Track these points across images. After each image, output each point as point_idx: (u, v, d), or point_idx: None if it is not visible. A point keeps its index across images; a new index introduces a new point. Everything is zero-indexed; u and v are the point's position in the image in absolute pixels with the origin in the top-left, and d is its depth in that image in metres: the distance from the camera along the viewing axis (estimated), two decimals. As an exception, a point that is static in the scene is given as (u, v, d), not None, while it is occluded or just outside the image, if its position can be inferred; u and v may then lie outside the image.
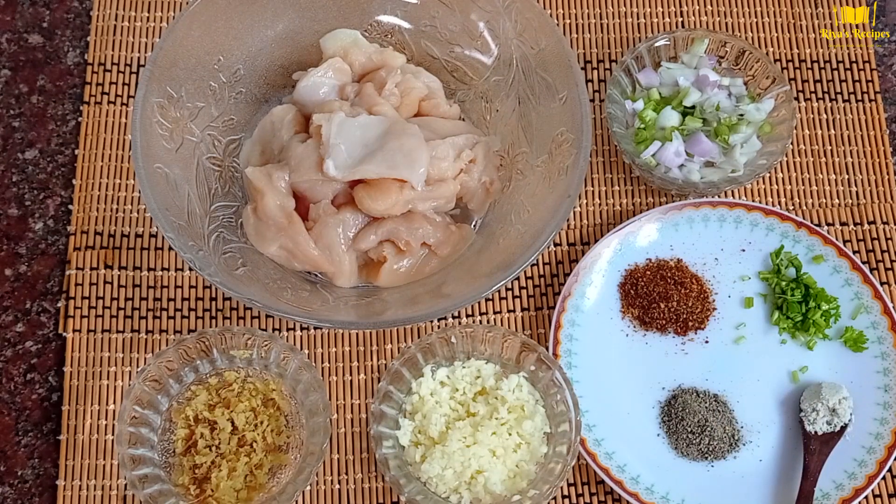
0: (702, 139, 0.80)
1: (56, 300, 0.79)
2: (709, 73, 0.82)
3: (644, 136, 0.81)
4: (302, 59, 0.81)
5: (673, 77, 0.83)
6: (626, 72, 0.83)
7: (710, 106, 0.81)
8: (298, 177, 0.73)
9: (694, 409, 0.76)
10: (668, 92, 0.84)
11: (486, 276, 0.71)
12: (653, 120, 0.82)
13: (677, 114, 0.81)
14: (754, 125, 0.81)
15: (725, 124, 0.80)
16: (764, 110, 0.81)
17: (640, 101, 0.83)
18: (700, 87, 0.82)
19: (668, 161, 0.80)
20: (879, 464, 0.74)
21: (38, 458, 0.75)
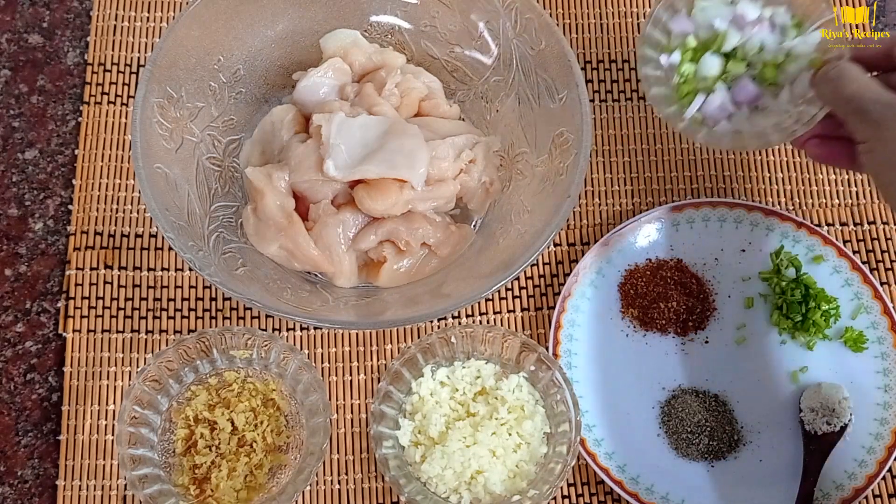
0: (748, 85, 0.70)
1: (56, 300, 0.79)
2: (746, 8, 0.70)
3: (685, 90, 0.71)
4: (302, 59, 0.81)
5: (708, 19, 0.71)
6: (658, 23, 0.72)
7: (753, 47, 0.70)
8: (298, 177, 0.73)
9: (694, 409, 0.76)
10: (705, 36, 0.72)
11: (486, 276, 0.71)
12: (692, 73, 0.71)
13: (718, 59, 0.71)
14: (802, 59, 0.69)
15: (771, 64, 0.70)
16: (811, 42, 0.69)
17: (676, 52, 0.72)
18: (738, 27, 0.70)
19: (715, 114, 0.71)
20: (879, 464, 0.74)
21: (38, 458, 0.75)
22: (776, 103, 0.70)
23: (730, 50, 0.71)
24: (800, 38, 0.69)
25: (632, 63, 0.89)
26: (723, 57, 0.71)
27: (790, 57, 0.70)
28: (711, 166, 0.86)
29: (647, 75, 0.72)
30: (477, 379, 0.75)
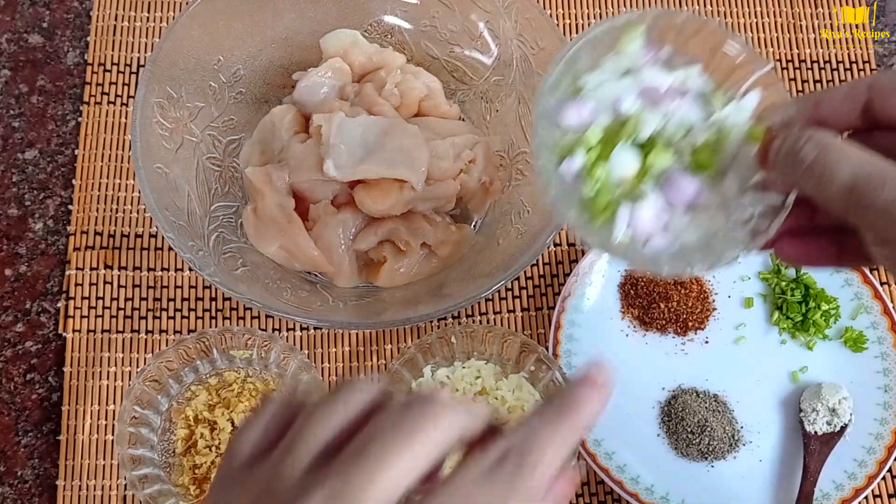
0: (679, 180, 0.49)
1: (56, 300, 0.79)
2: (653, 77, 0.50)
3: (602, 202, 0.48)
4: (302, 59, 0.81)
5: (607, 99, 0.50)
6: (544, 119, 0.49)
7: (676, 130, 0.49)
8: (298, 177, 0.73)
9: (694, 409, 0.76)
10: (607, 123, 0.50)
11: (486, 276, 0.71)
12: (606, 177, 0.49)
13: (635, 152, 0.49)
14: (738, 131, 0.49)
15: (705, 149, 0.49)
16: (746, 107, 0.50)
17: (577, 154, 0.48)
18: (650, 104, 0.50)
19: (648, 228, 0.49)
20: (879, 464, 0.74)
21: (38, 458, 0.75)
22: (723, 197, 0.49)
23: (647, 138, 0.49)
24: (731, 106, 0.50)
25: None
26: (639, 148, 0.49)
27: (723, 133, 0.49)
28: (711, 166, 0.86)
29: (553, 194, 0.48)
30: (477, 379, 0.75)
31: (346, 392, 0.37)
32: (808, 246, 0.48)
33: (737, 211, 0.49)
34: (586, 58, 0.50)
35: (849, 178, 0.40)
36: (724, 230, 0.48)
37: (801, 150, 0.42)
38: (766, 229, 0.46)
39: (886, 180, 0.39)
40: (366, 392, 0.37)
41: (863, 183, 0.40)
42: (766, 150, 0.45)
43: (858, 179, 0.40)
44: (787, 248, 0.48)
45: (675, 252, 0.48)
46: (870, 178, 0.40)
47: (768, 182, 0.47)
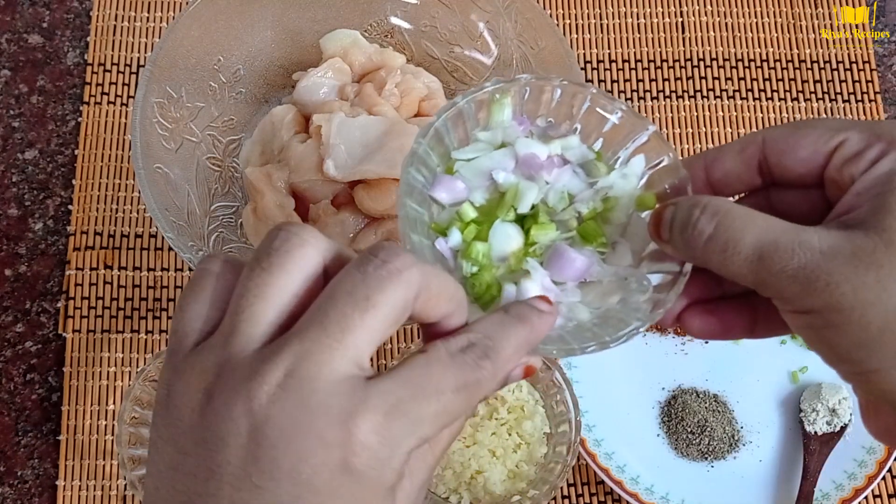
0: (567, 255, 0.44)
1: (56, 300, 0.79)
2: (531, 147, 0.46)
3: (484, 283, 0.44)
4: (302, 59, 0.81)
5: (481, 172, 0.46)
6: (409, 193, 0.44)
7: (559, 200, 0.46)
8: (298, 177, 0.73)
9: (694, 409, 0.76)
10: (483, 198, 0.46)
11: (486, 276, 0.70)
12: (486, 255, 0.44)
13: (515, 227, 0.45)
14: (626, 200, 0.46)
15: (590, 218, 0.45)
16: (632, 174, 0.46)
17: (453, 230, 0.45)
18: (528, 175, 0.46)
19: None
20: (879, 464, 0.74)
21: (38, 459, 0.75)
22: (615, 268, 0.45)
23: (528, 211, 0.45)
24: (616, 173, 0.46)
25: (632, 63, 0.89)
26: (519, 224, 0.46)
27: (610, 201, 0.46)
28: (711, 166, 0.86)
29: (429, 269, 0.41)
30: (477, 379, 0.75)
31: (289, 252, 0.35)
32: (717, 317, 0.44)
33: (633, 283, 0.45)
34: (455, 132, 0.47)
35: (755, 248, 0.37)
36: (620, 304, 0.44)
37: (696, 222, 0.39)
38: (663, 302, 0.42)
39: (795, 245, 0.36)
40: (310, 248, 0.35)
41: (770, 251, 0.37)
42: (658, 220, 0.41)
43: (765, 248, 0.37)
44: (693, 322, 0.44)
45: (571, 331, 0.43)
46: (777, 244, 0.36)
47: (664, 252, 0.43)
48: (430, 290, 0.35)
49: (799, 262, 0.36)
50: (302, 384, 0.32)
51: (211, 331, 0.35)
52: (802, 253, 0.36)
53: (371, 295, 0.33)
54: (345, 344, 0.32)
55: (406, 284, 0.34)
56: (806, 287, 0.36)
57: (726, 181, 0.42)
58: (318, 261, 0.35)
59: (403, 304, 0.34)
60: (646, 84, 0.88)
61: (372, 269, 0.34)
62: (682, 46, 0.90)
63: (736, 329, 0.44)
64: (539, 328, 0.38)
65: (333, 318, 0.33)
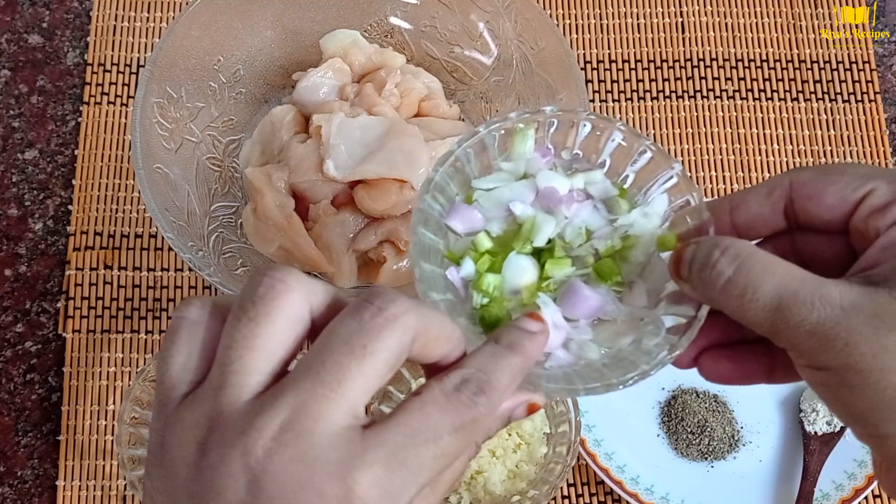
0: (581, 291, 0.43)
1: (56, 300, 0.79)
2: (552, 180, 0.45)
3: (493, 315, 0.43)
4: (302, 59, 0.81)
5: (499, 203, 0.46)
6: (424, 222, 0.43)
7: (576, 236, 0.45)
8: (298, 177, 0.73)
9: (694, 409, 0.76)
10: (500, 229, 0.45)
11: (486, 276, 0.70)
12: (498, 287, 0.44)
13: (530, 261, 0.44)
14: (647, 239, 0.45)
15: (607, 255, 0.44)
16: (655, 213, 0.45)
17: (466, 260, 0.44)
18: (547, 209, 0.45)
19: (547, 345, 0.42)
20: (879, 464, 0.74)
21: (38, 459, 0.75)
22: (630, 308, 0.44)
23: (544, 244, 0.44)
24: (637, 211, 0.45)
25: (632, 63, 0.89)
26: (535, 257, 0.45)
27: (630, 239, 0.45)
28: (712, 167, 0.86)
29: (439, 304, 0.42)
30: (477, 379, 0.75)
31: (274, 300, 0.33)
32: (734, 362, 0.42)
33: (647, 325, 0.43)
34: (477, 161, 0.46)
35: (773, 297, 0.36)
36: (632, 345, 0.43)
37: (716, 263, 0.37)
38: (677, 345, 0.41)
39: (816, 298, 0.35)
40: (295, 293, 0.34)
41: (789, 302, 0.35)
42: (678, 259, 0.40)
43: (784, 298, 0.35)
44: (709, 366, 0.43)
45: (579, 370, 0.42)
46: (796, 296, 0.35)
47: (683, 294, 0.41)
48: (428, 334, 0.35)
49: (818, 317, 0.35)
50: (299, 437, 0.31)
51: (199, 381, 0.34)
52: (822, 307, 0.35)
53: (368, 343, 0.33)
54: (341, 394, 0.32)
55: (402, 330, 0.33)
56: (824, 344, 0.35)
57: (751, 224, 0.41)
58: (304, 306, 0.35)
59: (400, 349, 0.34)
60: (646, 84, 0.88)
61: (368, 316, 0.33)
62: (682, 46, 0.90)
63: (754, 375, 0.43)
64: (532, 352, 0.38)
65: (329, 367, 0.32)
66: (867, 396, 0.35)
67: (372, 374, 0.33)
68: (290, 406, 0.32)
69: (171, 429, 0.33)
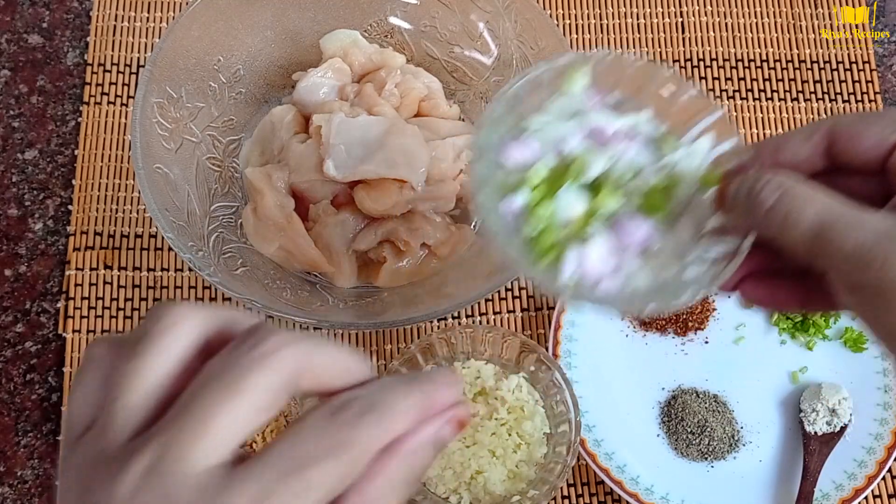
0: (630, 223, 0.47)
1: (56, 301, 0.79)
2: (602, 118, 0.49)
3: (546, 242, 0.46)
4: (302, 59, 0.81)
5: (552, 140, 0.48)
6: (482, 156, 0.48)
7: (625, 171, 0.48)
8: (298, 177, 0.73)
9: (694, 409, 0.76)
10: (553, 164, 0.48)
11: (486, 276, 0.71)
12: (550, 218, 0.47)
13: (581, 194, 0.48)
14: (692, 176, 0.48)
15: (655, 192, 0.48)
16: (699, 151, 0.49)
17: (520, 192, 0.47)
18: (599, 145, 0.49)
19: (596, 271, 0.47)
20: (879, 464, 0.74)
21: (38, 459, 0.75)
22: (675, 241, 0.48)
23: (594, 179, 0.48)
24: (682, 150, 0.49)
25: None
26: (587, 189, 0.48)
27: (675, 177, 0.48)
28: (711, 166, 0.86)
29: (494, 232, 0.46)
30: (477, 379, 0.75)
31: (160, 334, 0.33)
32: (773, 288, 0.46)
33: (692, 255, 0.47)
34: (531, 99, 0.48)
35: (814, 223, 0.39)
36: (677, 274, 0.46)
37: (760, 191, 0.41)
38: (721, 273, 0.45)
39: (854, 224, 0.38)
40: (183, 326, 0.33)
41: (829, 228, 0.38)
42: (723, 193, 0.44)
43: (824, 224, 0.38)
44: (751, 291, 0.46)
45: (627, 295, 0.46)
46: (837, 222, 0.38)
47: (726, 226, 0.45)
48: (314, 369, 0.33)
49: (857, 241, 0.37)
50: (163, 479, 0.30)
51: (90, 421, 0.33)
52: (861, 232, 0.37)
53: (236, 381, 0.31)
54: (206, 434, 0.31)
55: (277, 368, 0.32)
56: (861, 265, 0.37)
57: (791, 164, 0.43)
58: (194, 338, 0.33)
59: (277, 387, 0.32)
60: (646, 84, 0.88)
61: (241, 353, 0.32)
62: (682, 46, 0.90)
63: (790, 302, 0.46)
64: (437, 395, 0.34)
65: (197, 406, 0.31)
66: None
67: (242, 414, 0.32)
68: (157, 447, 0.31)
69: (66, 467, 0.33)
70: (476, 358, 0.76)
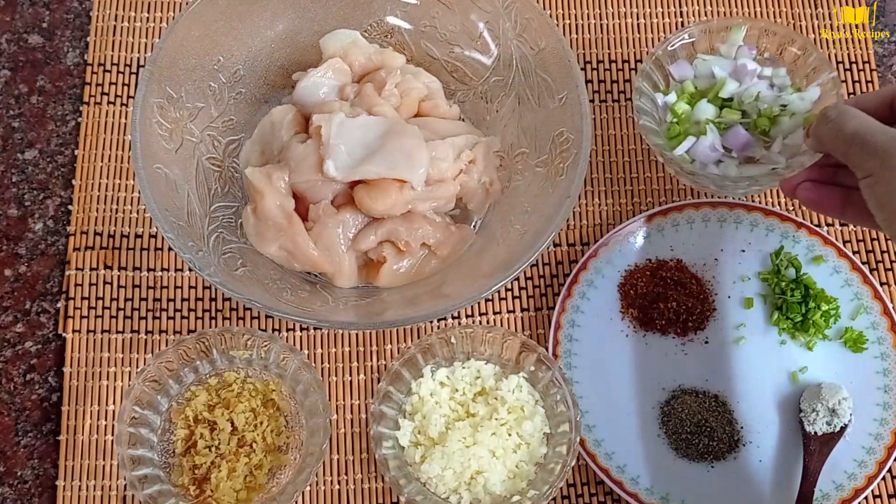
0: (740, 132, 0.73)
1: (56, 301, 0.79)
2: (747, 62, 0.76)
3: (677, 130, 0.75)
4: (302, 59, 0.81)
5: (709, 68, 0.77)
6: (658, 64, 0.78)
7: (749, 96, 0.74)
8: (298, 177, 0.73)
9: (694, 409, 0.76)
10: (703, 84, 0.78)
11: (486, 276, 0.71)
12: (686, 113, 0.75)
13: (713, 107, 0.75)
14: (798, 116, 0.73)
15: (766, 115, 0.73)
16: (809, 99, 0.74)
17: (672, 93, 0.77)
18: (738, 78, 0.76)
19: (704, 157, 0.74)
20: (879, 464, 0.74)
21: (38, 459, 0.75)
22: (767, 154, 0.73)
23: (726, 98, 0.75)
24: (797, 94, 0.74)
25: (632, 63, 0.89)
26: (718, 107, 0.75)
27: (785, 111, 0.73)
28: (711, 166, 0.86)
29: (641, 107, 0.75)
30: (477, 379, 0.75)
31: None
32: (820, 193, 0.69)
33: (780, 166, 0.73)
34: (703, 40, 0.78)
35: (852, 130, 0.60)
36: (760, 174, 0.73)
37: (828, 112, 0.63)
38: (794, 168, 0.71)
39: (877, 132, 0.59)
40: None
41: (863, 132, 0.60)
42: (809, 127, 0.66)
43: (860, 129, 0.60)
44: (805, 192, 0.69)
45: (717, 179, 0.74)
46: (866, 130, 0.60)
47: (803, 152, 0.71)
48: None
49: (876, 142, 0.58)
50: None
51: None
52: (881, 136, 0.59)
53: None
54: None
55: None
56: (872, 158, 0.58)
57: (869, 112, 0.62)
58: None
59: None
60: (646, 84, 0.88)
61: None
62: (683, 46, 0.90)
63: (830, 206, 0.69)
64: None
65: None
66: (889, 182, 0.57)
67: None
68: None
69: None
70: (476, 358, 0.76)
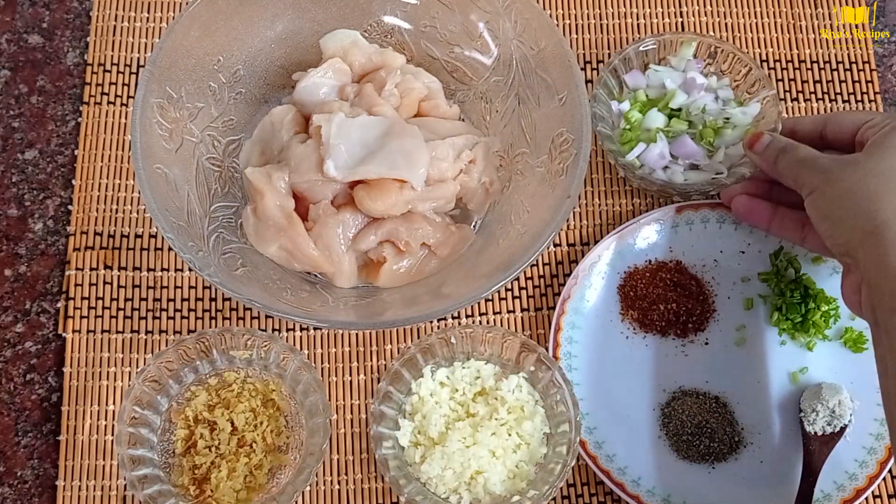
0: (686, 142, 0.80)
1: (56, 301, 0.79)
2: (696, 75, 0.82)
3: (629, 136, 0.81)
4: (302, 59, 0.81)
5: (660, 79, 0.83)
6: (614, 73, 0.83)
7: (696, 108, 0.81)
8: (298, 177, 0.73)
9: (694, 411, 0.76)
10: (655, 94, 0.83)
11: (486, 276, 0.70)
12: (638, 121, 0.81)
13: (663, 116, 0.81)
14: (740, 128, 0.80)
15: (711, 127, 0.80)
16: (750, 114, 0.81)
17: (626, 102, 0.82)
18: (687, 90, 0.82)
19: (652, 162, 0.80)
20: (880, 464, 0.74)
21: (38, 459, 0.75)
22: (710, 163, 0.80)
23: (675, 108, 0.82)
24: (740, 109, 0.81)
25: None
26: (667, 116, 0.81)
27: (728, 123, 0.81)
28: (711, 167, 0.86)
29: (598, 114, 0.81)
30: (477, 379, 0.75)
31: None
32: (752, 206, 0.77)
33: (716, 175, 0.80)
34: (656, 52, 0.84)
35: (804, 155, 0.70)
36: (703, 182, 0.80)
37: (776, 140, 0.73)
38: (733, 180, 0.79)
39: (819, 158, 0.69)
40: None
41: (811, 157, 0.70)
42: (754, 139, 0.75)
43: (808, 155, 0.70)
44: (738, 202, 0.77)
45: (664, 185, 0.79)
46: (816, 154, 0.70)
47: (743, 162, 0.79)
48: None
49: (821, 165, 0.68)
50: None
51: None
52: (825, 161, 0.68)
53: None
54: None
55: None
56: (817, 176, 0.68)
57: (799, 137, 0.75)
58: None
59: None
60: (646, 84, 0.88)
61: None
62: (683, 47, 0.90)
63: (759, 219, 0.77)
64: None
65: None
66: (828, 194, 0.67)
67: None
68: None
69: None
70: (476, 358, 0.76)
